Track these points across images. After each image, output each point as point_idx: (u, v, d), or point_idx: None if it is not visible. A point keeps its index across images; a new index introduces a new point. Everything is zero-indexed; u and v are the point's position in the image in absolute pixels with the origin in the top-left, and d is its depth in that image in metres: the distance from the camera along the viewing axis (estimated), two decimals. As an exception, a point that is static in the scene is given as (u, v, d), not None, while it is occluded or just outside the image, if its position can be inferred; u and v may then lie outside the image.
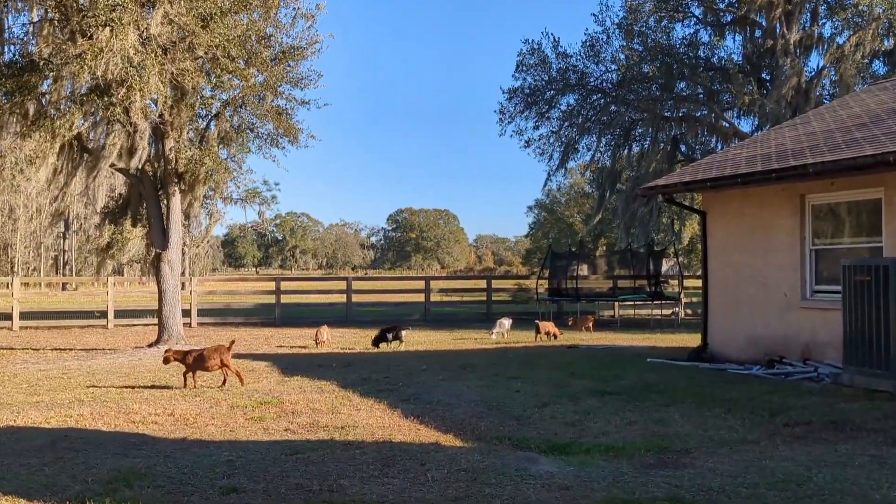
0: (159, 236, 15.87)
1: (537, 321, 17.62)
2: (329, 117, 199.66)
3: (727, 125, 26.44)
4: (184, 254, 40.42)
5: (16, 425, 7.74)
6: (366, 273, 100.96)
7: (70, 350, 15.89)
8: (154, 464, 6.02)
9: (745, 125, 26.55)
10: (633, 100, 26.76)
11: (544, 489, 5.30)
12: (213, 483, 5.49)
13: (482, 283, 27.82)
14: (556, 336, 16.76)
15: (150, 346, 15.70)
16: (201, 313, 22.69)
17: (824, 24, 25.33)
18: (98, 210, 17.00)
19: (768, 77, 25.69)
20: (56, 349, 16.07)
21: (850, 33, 24.20)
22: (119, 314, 22.06)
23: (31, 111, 14.50)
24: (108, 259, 16.19)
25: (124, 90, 13.26)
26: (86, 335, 19.48)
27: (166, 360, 10.32)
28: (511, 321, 17.80)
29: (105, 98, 13.62)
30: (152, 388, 10.09)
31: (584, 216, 58.73)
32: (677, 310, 23.37)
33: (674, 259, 27.34)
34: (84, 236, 52.37)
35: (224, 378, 9.98)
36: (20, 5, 14.58)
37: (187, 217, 17.54)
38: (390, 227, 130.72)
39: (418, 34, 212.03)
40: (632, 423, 7.55)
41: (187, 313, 20.77)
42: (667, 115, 26.87)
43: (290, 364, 12.50)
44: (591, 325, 19.55)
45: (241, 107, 16.28)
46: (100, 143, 15.39)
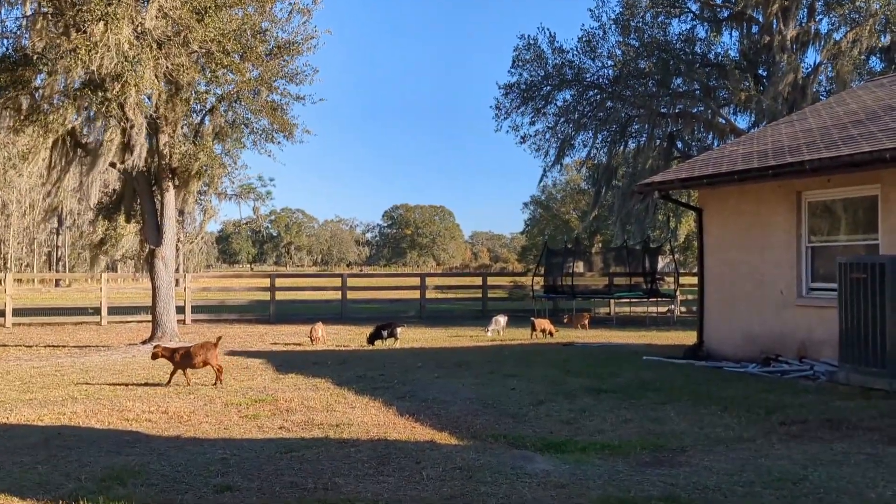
0: (153, 232, 15.79)
1: (533, 318, 17.60)
2: (326, 113, 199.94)
3: (723, 122, 26.45)
4: (178, 250, 40.36)
5: (8, 423, 7.70)
6: (361, 270, 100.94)
7: (63, 347, 15.82)
8: (148, 462, 5.98)
9: (741, 122, 26.63)
10: (630, 96, 26.74)
11: (540, 487, 5.27)
12: (207, 481, 5.45)
13: (478, 280, 27.86)
14: (551, 333, 16.75)
15: (143, 342, 15.62)
16: (195, 310, 22.64)
17: (821, 20, 25.39)
18: (92, 206, 16.90)
19: (765, 73, 25.71)
20: (49, 346, 16.00)
21: (847, 29, 24.22)
22: (113, 311, 21.99)
23: (25, 106, 14.42)
24: (101, 255, 16.12)
25: (119, 85, 13.21)
26: (79, 332, 19.41)
27: (154, 356, 10.30)
28: (506, 318, 17.80)
29: (100, 93, 13.57)
30: (146, 385, 10.05)
31: (580, 213, 58.67)
32: (673, 307, 23.40)
33: (670, 256, 27.34)
34: (77, 232, 52.23)
35: (217, 376, 9.94)
36: (13, -1, 14.49)
37: (181, 213, 17.49)
38: (386, 224, 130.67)
39: (416, 30, 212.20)
40: (627, 421, 7.54)
41: (181, 310, 20.72)
42: (663, 111, 26.86)
43: (284, 361, 12.46)
44: (586, 322, 19.55)
45: (235, 102, 16.20)
46: (96, 140, 15.31)
